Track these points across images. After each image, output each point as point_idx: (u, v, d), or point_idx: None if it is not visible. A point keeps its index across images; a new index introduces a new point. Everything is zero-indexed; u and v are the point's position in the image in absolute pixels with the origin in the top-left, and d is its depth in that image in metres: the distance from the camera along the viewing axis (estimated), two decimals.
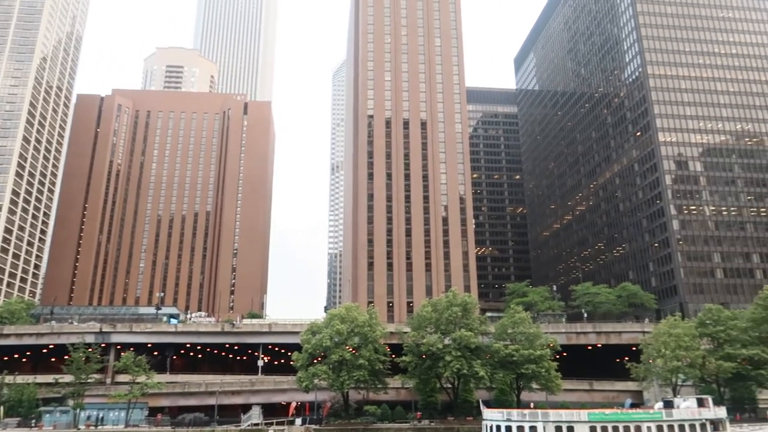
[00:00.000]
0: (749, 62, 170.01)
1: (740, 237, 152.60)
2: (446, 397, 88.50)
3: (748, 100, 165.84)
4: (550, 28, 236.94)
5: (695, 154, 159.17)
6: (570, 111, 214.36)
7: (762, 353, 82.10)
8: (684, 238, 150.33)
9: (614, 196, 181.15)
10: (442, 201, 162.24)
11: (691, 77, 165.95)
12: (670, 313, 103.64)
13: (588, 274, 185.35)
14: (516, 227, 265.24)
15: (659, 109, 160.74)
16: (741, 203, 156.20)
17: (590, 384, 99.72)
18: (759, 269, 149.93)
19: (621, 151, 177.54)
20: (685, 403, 69.69)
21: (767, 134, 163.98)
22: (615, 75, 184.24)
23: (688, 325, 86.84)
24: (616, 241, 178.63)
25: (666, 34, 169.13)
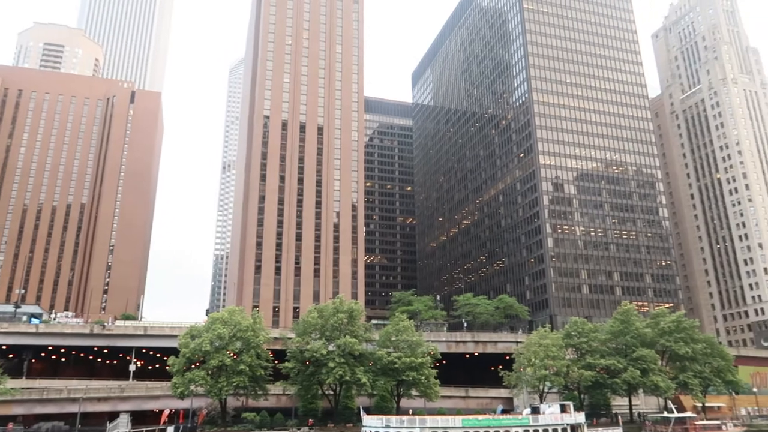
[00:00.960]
0: (619, 98, 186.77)
1: (604, 256, 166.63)
2: (327, 404, 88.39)
3: (617, 132, 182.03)
4: (448, 47, 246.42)
5: (570, 178, 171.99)
6: (461, 128, 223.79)
7: (617, 363, 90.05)
8: (557, 255, 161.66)
9: (497, 213, 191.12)
10: (335, 207, 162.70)
11: (571, 107, 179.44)
12: (541, 325, 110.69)
13: (470, 285, 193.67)
14: (405, 237, 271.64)
15: (541, 134, 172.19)
16: (607, 225, 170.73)
17: (466, 391, 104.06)
18: (619, 287, 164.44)
19: (506, 170, 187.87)
20: (550, 409, 74.83)
21: (631, 164, 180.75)
22: (504, 98, 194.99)
23: (556, 336, 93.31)
24: (497, 255, 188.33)
25: (551, 65, 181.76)
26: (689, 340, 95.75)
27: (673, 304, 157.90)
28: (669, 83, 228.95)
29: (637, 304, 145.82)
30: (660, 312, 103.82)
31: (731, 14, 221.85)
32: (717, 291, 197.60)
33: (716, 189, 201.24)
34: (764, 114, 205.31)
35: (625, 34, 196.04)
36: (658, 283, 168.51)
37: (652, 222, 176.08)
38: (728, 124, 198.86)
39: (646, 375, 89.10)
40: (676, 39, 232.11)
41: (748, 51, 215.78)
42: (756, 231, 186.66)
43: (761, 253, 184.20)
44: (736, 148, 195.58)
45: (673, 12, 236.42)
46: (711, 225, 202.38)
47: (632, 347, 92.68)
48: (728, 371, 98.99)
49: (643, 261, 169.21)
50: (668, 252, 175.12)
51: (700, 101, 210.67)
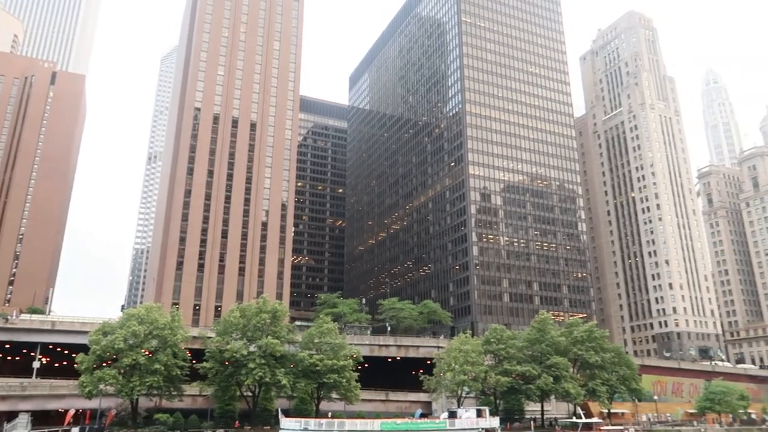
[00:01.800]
0: (547, 115, 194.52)
1: (525, 266, 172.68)
2: (245, 406, 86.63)
3: (543, 148, 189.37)
4: (386, 52, 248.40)
5: (497, 189, 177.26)
6: (396, 134, 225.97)
7: (532, 369, 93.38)
8: (481, 264, 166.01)
9: (426, 219, 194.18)
10: (264, 206, 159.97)
11: (501, 120, 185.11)
12: (463, 331, 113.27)
13: (396, 289, 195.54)
14: (334, 239, 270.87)
15: (472, 144, 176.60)
16: (529, 237, 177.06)
17: (386, 394, 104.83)
18: (538, 296, 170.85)
19: (436, 178, 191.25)
20: (467, 414, 76.65)
21: (555, 179, 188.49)
22: (438, 107, 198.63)
23: (476, 342, 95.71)
24: (423, 261, 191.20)
25: (485, 78, 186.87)
26: (599, 350, 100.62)
27: (586, 315, 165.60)
28: (593, 104, 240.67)
29: (554, 313, 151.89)
30: (574, 322, 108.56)
31: (652, 44, 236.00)
32: (626, 303, 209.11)
33: (630, 207, 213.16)
34: (677, 139, 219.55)
35: (555, 54, 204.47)
36: (574, 294, 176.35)
37: (571, 235, 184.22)
38: (644, 147, 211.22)
39: (559, 382, 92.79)
40: (602, 63, 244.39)
41: (665, 79, 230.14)
42: (664, 248, 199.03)
43: (667, 269, 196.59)
44: (651, 169, 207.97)
45: (601, 37, 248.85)
46: (624, 241, 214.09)
47: (547, 355, 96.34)
48: (633, 380, 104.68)
49: (561, 272, 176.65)
50: (584, 265, 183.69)
51: (621, 123, 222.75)
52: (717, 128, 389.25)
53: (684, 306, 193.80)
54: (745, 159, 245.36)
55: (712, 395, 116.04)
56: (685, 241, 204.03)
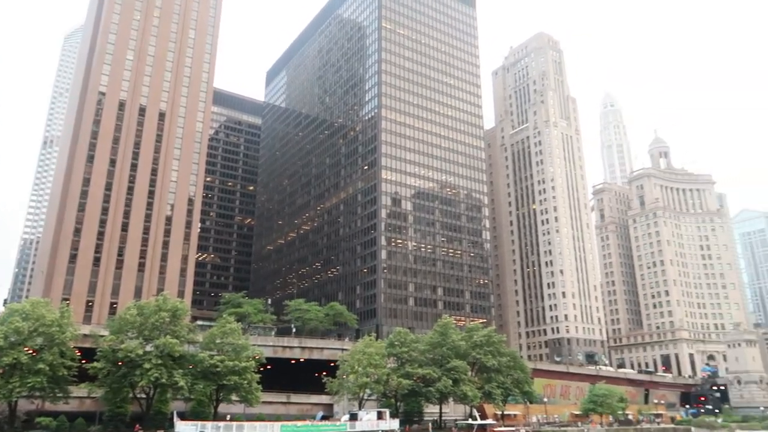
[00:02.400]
0: (459, 125, 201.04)
1: (431, 272, 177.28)
2: (138, 408, 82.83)
3: (454, 157, 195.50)
4: (305, 51, 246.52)
5: (408, 195, 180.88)
6: (311, 134, 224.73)
7: (433, 372, 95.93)
8: (388, 267, 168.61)
9: (337, 221, 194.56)
10: (169, 199, 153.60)
11: (415, 127, 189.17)
12: (367, 334, 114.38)
13: (303, 291, 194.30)
14: (242, 237, 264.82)
15: (386, 149, 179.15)
16: (436, 243, 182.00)
17: (288, 397, 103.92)
18: (441, 301, 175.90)
19: (349, 180, 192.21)
20: (367, 416, 77.68)
21: (463, 188, 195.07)
22: (354, 110, 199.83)
23: (380, 345, 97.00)
24: (332, 263, 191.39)
25: (401, 85, 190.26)
26: (497, 354, 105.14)
27: (486, 320, 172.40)
28: (502, 118, 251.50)
29: (456, 318, 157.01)
30: (474, 326, 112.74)
31: (558, 65, 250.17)
32: (523, 310, 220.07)
33: (531, 218, 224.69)
34: (576, 157, 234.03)
35: (469, 68, 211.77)
36: (476, 300, 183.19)
37: (476, 243, 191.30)
38: (547, 162, 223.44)
39: (458, 384, 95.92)
40: (512, 79, 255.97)
41: (568, 99, 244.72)
42: (560, 259, 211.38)
43: (561, 278, 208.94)
44: (551, 183, 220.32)
45: (512, 54, 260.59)
46: (524, 250, 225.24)
47: (447, 358, 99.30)
48: (526, 383, 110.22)
49: (465, 278, 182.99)
50: (487, 272, 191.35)
51: (526, 138, 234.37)
52: (611, 148, 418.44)
53: (575, 314, 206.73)
54: (634, 179, 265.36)
55: (596, 398, 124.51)
56: (578, 252, 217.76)
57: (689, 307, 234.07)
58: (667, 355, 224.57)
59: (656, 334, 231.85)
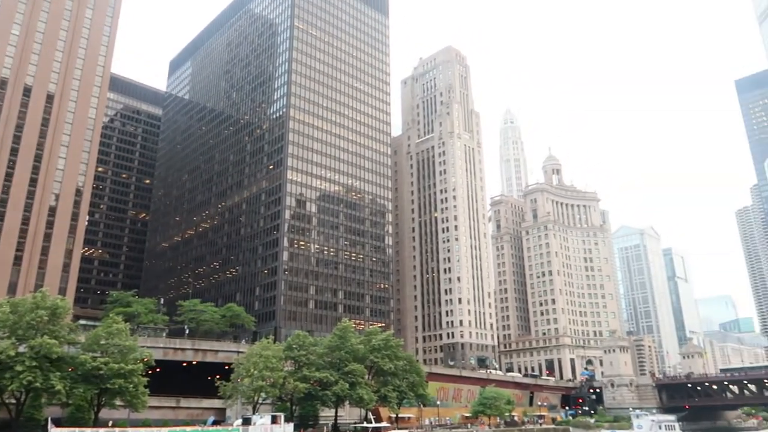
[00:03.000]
0: (366, 131, 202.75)
1: (333, 275, 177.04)
2: (6, 415, 75.69)
3: (360, 162, 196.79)
4: (213, 43, 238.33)
5: (313, 197, 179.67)
6: (215, 129, 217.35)
7: (330, 376, 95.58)
8: (290, 269, 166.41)
9: (238, 220, 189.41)
10: (54, 188, 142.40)
11: (323, 129, 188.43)
12: (265, 336, 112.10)
13: (199, 291, 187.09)
14: (134, 233, 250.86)
15: (292, 150, 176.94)
16: (339, 246, 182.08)
17: (177, 401, 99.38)
18: (342, 304, 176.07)
19: (253, 179, 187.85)
20: (261, 420, 75.91)
21: (368, 193, 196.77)
22: (262, 108, 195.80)
23: (278, 348, 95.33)
24: (231, 263, 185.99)
25: (311, 86, 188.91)
26: (394, 358, 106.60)
27: (385, 324, 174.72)
28: (409, 126, 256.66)
29: (356, 321, 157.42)
30: (373, 330, 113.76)
31: (464, 79, 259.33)
32: (421, 315, 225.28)
33: (433, 226, 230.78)
34: (477, 169, 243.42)
35: (380, 74, 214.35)
36: (376, 304, 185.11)
37: (378, 248, 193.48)
38: (449, 172, 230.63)
39: (354, 388, 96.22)
40: (420, 89, 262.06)
41: (472, 113, 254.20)
42: (458, 266, 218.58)
43: (459, 285, 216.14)
44: (452, 193, 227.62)
45: (422, 65, 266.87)
46: (425, 256, 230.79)
47: (345, 362, 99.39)
48: (421, 386, 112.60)
49: (366, 282, 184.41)
50: (387, 277, 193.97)
51: (431, 148, 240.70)
52: (509, 163, 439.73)
53: (469, 319, 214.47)
54: (528, 192, 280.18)
55: (485, 400, 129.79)
56: (475, 260, 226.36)
57: (572, 315, 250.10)
58: (551, 359, 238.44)
59: (542, 340, 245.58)
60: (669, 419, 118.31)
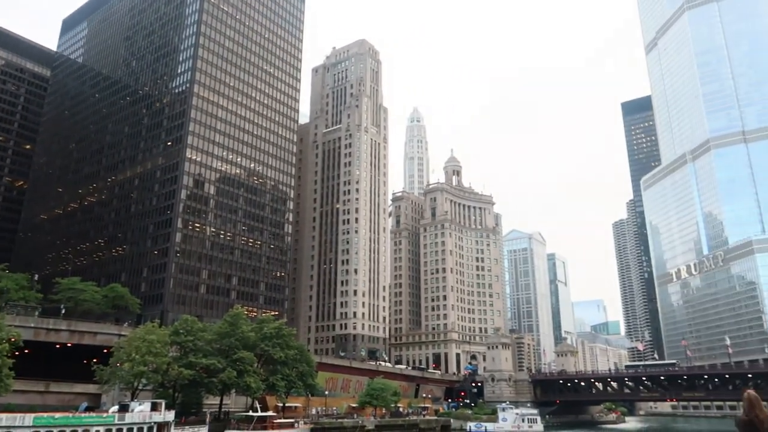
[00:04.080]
0: (273, 115, 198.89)
1: (228, 260, 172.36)
2: None
3: (264, 146, 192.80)
4: (115, 6, 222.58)
5: (212, 178, 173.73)
6: (110, 98, 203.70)
7: (218, 363, 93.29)
8: (182, 252, 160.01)
9: (129, 196, 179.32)
10: None
11: (228, 110, 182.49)
12: (151, 320, 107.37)
13: (80, 268, 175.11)
14: (10, 202, 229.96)
15: (194, 128, 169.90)
16: (237, 231, 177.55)
17: (46, 385, 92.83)
18: (235, 290, 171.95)
19: (149, 154, 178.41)
20: (140, 407, 72.74)
21: (270, 178, 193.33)
22: (164, 80, 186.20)
23: (163, 332, 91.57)
24: (118, 241, 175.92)
25: (219, 64, 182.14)
26: (285, 347, 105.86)
27: (278, 312, 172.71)
28: (317, 115, 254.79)
29: (249, 308, 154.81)
30: (266, 318, 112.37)
31: (376, 74, 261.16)
32: (316, 305, 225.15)
33: (334, 217, 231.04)
34: (381, 164, 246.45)
35: (291, 60, 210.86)
36: (270, 292, 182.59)
37: (277, 235, 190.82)
38: (354, 165, 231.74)
39: (242, 376, 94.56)
40: (331, 79, 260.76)
41: (381, 108, 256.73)
42: (356, 258, 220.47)
43: (355, 277, 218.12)
44: (356, 186, 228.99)
45: (334, 55, 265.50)
46: (324, 247, 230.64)
47: (235, 349, 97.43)
48: (310, 376, 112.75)
49: (262, 269, 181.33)
50: (284, 265, 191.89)
51: (338, 139, 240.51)
52: (413, 160, 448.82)
53: (363, 311, 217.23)
54: (429, 191, 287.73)
55: (373, 391, 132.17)
56: (373, 254, 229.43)
57: (461, 311, 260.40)
58: (438, 353, 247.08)
59: (432, 335, 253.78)
60: (532, 413, 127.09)
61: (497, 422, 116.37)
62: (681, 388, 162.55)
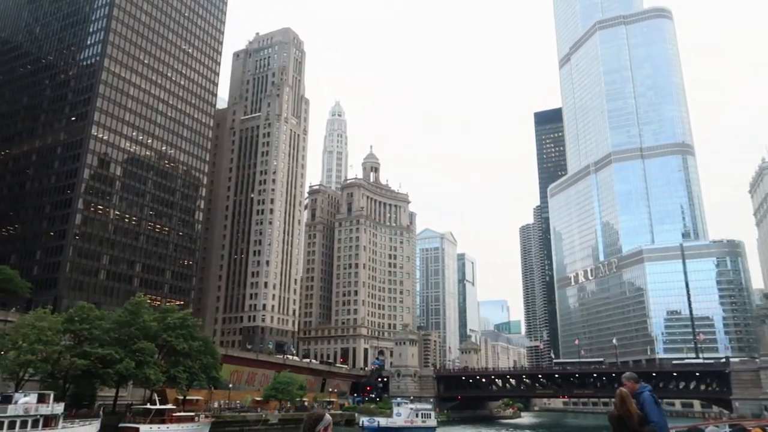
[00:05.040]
0: (190, 98, 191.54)
1: (132, 245, 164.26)
2: None
3: (178, 129, 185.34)
4: None
5: (120, 159, 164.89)
6: (7, 64, 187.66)
7: (115, 353, 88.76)
8: (81, 234, 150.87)
9: (24, 172, 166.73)
10: None
11: (141, 88, 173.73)
12: (42, 305, 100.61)
13: None
14: None
15: (102, 104, 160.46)
16: (143, 215, 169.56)
17: None
18: (138, 277, 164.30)
19: (49, 129, 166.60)
20: (25, 399, 68.12)
21: (183, 163, 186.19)
22: (71, 51, 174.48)
23: (56, 319, 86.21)
24: (9, 220, 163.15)
25: (133, 39, 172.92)
26: (189, 338, 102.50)
27: (184, 302, 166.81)
28: (236, 101, 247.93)
29: (152, 297, 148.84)
30: (170, 308, 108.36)
31: (299, 64, 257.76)
32: (224, 296, 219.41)
33: (248, 206, 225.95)
34: (300, 155, 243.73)
35: (212, 42, 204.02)
36: (176, 281, 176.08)
37: (187, 222, 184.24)
38: (272, 155, 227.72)
39: (141, 367, 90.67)
40: (253, 65, 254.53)
41: (302, 99, 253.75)
42: (268, 250, 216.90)
43: (266, 269, 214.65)
44: (272, 176, 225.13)
45: (257, 41, 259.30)
46: (236, 237, 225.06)
47: (135, 339, 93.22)
48: (214, 368, 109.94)
49: (168, 257, 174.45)
50: (193, 253, 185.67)
51: (256, 127, 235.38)
52: (332, 154, 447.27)
53: (273, 304, 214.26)
54: (346, 186, 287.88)
55: (278, 385, 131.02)
56: (286, 246, 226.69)
57: (372, 307, 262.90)
58: (347, 348, 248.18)
59: (341, 329, 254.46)
60: (426, 408, 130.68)
61: (391, 417, 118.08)
62: (573, 385, 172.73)
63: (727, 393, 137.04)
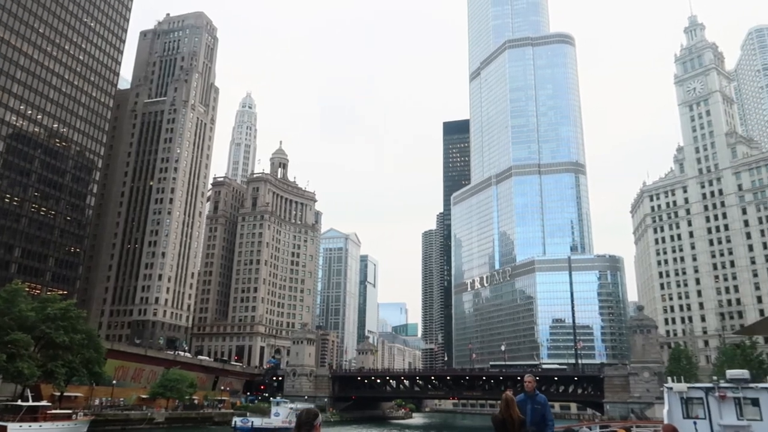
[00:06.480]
0: (89, 74, 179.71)
1: (11, 228, 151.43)
2: None
3: (73, 107, 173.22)
4: None
5: (3, 133, 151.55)
6: None
7: None
8: None
9: None
10: None
11: (33, 58, 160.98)
12: None
13: None
14: None
15: None
16: (27, 196, 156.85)
17: None
18: (17, 263, 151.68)
19: None
20: None
21: (76, 143, 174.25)
22: None
23: None
24: None
25: (27, 3, 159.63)
26: (71, 330, 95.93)
27: (67, 292, 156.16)
28: (140, 83, 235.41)
29: (32, 285, 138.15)
30: (51, 297, 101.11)
31: (211, 50, 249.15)
32: (114, 287, 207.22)
33: (145, 194, 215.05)
34: (205, 145, 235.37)
35: (116, 16, 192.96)
36: (60, 269, 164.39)
37: (77, 207, 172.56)
38: (175, 142, 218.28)
39: (13, 360, 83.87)
40: (161, 47, 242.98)
41: (212, 87, 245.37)
42: (165, 241, 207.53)
43: (162, 261, 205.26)
44: (174, 165, 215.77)
45: (168, 22, 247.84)
46: (130, 225, 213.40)
47: (8, 329, 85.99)
48: (97, 363, 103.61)
49: (53, 243, 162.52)
50: (81, 240, 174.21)
51: (161, 112, 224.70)
52: (240, 147, 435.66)
53: (166, 298, 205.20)
54: (252, 180, 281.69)
55: (167, 382, 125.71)
56: (185, 238, 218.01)
57: (271, 305, 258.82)
58: (242, 346, 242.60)
59: (238, 326, 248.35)
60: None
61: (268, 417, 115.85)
62: (463, 387, 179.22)
63: (600, 396, 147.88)
